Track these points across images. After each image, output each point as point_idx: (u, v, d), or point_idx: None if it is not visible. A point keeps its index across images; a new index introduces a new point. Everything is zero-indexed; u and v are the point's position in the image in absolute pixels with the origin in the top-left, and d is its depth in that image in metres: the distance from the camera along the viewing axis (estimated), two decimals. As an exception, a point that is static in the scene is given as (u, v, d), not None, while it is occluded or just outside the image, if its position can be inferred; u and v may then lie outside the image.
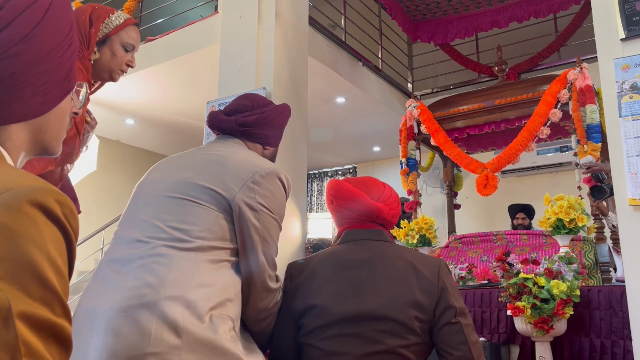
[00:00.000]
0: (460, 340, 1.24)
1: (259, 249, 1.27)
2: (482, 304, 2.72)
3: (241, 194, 1.26)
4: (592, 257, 2.97)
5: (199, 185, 1.27)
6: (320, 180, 8.63)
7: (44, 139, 0.72)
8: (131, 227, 1.26)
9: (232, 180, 1.28)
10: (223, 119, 1.48)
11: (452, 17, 5.35)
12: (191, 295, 1.11)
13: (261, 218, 1.27)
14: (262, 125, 1.48)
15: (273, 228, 1.31)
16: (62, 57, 0.69)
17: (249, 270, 1.27)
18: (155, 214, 1.24)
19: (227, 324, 1.16)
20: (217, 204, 1.25)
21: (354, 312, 1.25)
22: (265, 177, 1.31)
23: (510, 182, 6.40)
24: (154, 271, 1.12)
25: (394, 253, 1.34)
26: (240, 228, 1.26)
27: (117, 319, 1.07)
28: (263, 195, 1.28)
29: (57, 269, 0.54)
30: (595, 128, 2.97)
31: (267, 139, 1.51)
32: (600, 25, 2.33)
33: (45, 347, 0.50)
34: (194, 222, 1.21)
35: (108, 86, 5.86)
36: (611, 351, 2.31)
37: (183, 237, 1.19)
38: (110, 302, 1.10)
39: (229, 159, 1.34)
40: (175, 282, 1.11)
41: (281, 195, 1.35)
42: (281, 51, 3.56)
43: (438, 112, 3.75)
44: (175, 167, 1.38)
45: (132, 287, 1.11)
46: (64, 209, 0.57)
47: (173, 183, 1.30)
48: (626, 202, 2.11)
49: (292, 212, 3.43)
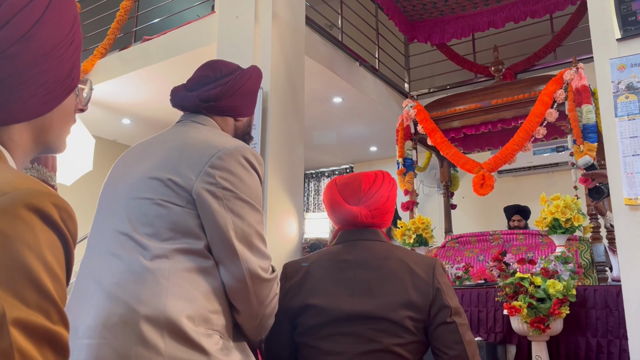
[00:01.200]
0: (455, 339, 1.24)
1: (232, 240, 1.11)
2: (479, 303, 2.72)
3: (199, 181, 1.12)
4: (588, 257, 2.98)
5: (157, 179, 1.14)
6: (317, 180, 8.63)
7: (47, 139, 0.70)
8: (101, 237, 1.16)
9: (188, 168, 1.14)
10: (185, 95, 1.36)
11: (449, 17, 5.36)
12: (171, 312, 1.01)
13: (228, 205, 1.12)
14: (227, 96, 1.34)
15: (246, 212, 1.15)
16: (63, 55, 0.67)
17: (224, 265, 1.12)
18: (120, 220, 1.13)
19: (213, 339, 1.06)
20: (179, 197, 1.12)
21: (349, 312, 1.26)
22: (225, 158, 1.15)
23: (506, 182, 6.41)
24: (127, 291, 1.03)
25: (389, 253, 1.34)
26: (205, 220, 1.11)
27: (96, 344, 1.00)
28: (224, 178, 1.13)
29: (54, 274, 0.53)
30: (592, 128, 2.98)
31: (237, 109, 1.37)
32: (596, 25, 2.33)
33: (41, 355, 0.49)
34: (158, 224, 1.10)
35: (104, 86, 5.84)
36: (607, 350, 2.32)
37: (151, 244, 1.08)
38: (88, 323, 1.03)
39: (185, 144, 1.21)
40: (151, 301, 1.02)
41: (248, 175, 1.18)
42: (278, 51, 3.56)
43: (435, 112, 3.76)
44: (135, 159, 1.26)
45: (107, 308, 1.02)
46: (62, 213, 0.56)
47: (133, 183, 1.18)
48: (622, 202, 2.12)
49: (289, 212, 3.43)
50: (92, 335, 1.01)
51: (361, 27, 6.03)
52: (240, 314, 1.16)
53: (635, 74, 2.14)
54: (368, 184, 1.42)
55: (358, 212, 1.37)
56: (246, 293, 1.13)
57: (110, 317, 1.01)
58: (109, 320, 1.01)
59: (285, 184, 3.42)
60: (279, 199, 3.35)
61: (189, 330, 1.02)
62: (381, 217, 1.41)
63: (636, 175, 2.09)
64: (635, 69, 2.15)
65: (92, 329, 1.02)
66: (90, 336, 1.01)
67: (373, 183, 1.43)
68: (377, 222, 1.41)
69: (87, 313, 1.05)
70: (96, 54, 5.39)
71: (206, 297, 1.09)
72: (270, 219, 3.23)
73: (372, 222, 1.40)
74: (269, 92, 3.38)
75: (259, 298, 1.16)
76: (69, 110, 0.73)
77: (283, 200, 3.38)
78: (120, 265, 1.07)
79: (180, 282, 1.06)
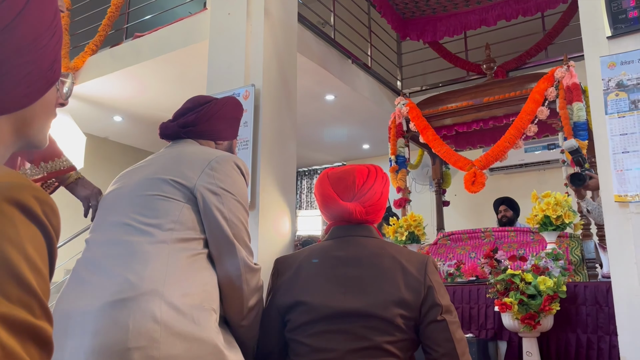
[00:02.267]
0: (445, 337, 1.24)
1: (229, 233, 1.25)
2: (470, 300, 2.73)
3: (201, 180, 1.27)
4: (579, 254, 3.00)
5: (161, 179, 1.29)
6: (309, 178, 8.63)
7: (28, 132, 0.69)
8: (101, 231, 1.26)
9: (189, 170, 1.29)
10: (167, 125, 1.51)
11: (441, 15, 5.36)
12: (169, 289, 1.10)
13: (225, 202, 1.27)
14: (204, 121, 1.49)
15: (239, 211, 1.31)
16: (45, 47, 0.66)
17: (222, 255, 1.25)
18: (123, 214, 1.25)
19: (211, 315, 1.16)
20: (181, 194, 1.26)
21: (340, 309, 1.26)
22: (221, 162, 1.32)
23: (498, 180, 6.44)
24: (129, 269, 1.12)
25: (380, 250, 1.34)
26: (206, 214, 1.25)
27: (94, 319, 1.06)
28: (222, 180, 1.29)
29: (36, 269, 0.52)
30: (582, 125, 3.00)
31: (215, 133, 1.52)
32: (587, 23, 2.34)
33: (25, 350, 0.48)
34: (161, 216, 1.22)
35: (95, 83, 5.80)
36: (597, 346, 2.34)
37: (153, 231, 1.19)
38: (85, 304, 1.09)
39: (184, 153, 1.38)
40: (151, 278, 1.11)
41: (240, 179, 1.35)
42: (270, 48, 3.55)
43: (427, 109, 3.77)
44: (134, 172, 1.39)
45: (108, 287, 1.10)
46: (44, 206, 0.55)
47: (136, 183, 1.32)
48: (612, 199, 2.14)
49: (281, 209, 3.43)
50: (90, 310, 1.08)
51: (354, 25, 6.03)
52: (231, 305, 1.26)
53: (625, 72, 2.16)
54: (362, 180, 1.41)
55: (353, 208, 1.37)
56: (239, 281, 1.25)
57: (110, 293, 1.08)
58: (109, 296, 1.08)
59: (278, 181, 3.41)
60: (272, 196, 3.34)
61: (185, 303, 1.11)
62: (375, 214, 1.41)
63: (626, 172, 2.10)
64: (626, 67, 2.16)
65: (91, 305, 1.08)
66: (88, 311, 1.08)
67: (367, 178, 1.42)
68: (370, 218, 1.41)
69: (86, 291, 1.12)
70: (87, 51, 5.35)
71: (201, 279, 1.19)
72: (262, 216, 3.22)
73: (366, 218, 1.39)
74: (261, 90, 3.37)
75: (250, 286, 1.28)
76: (51, 103, 0.72)
77: (275, 198, 3.38)
78: (123, 249, 1.17)
79: (178, 263, 1.16)
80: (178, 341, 1.06)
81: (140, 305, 1.06)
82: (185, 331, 1.08)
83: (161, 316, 1.07)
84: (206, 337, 1.11)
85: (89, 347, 1.03)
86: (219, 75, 3.60)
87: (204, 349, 1.10)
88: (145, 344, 1.03)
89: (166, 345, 1.05)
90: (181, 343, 1.07)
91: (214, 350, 1.11)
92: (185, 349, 1.07)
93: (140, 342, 1.03)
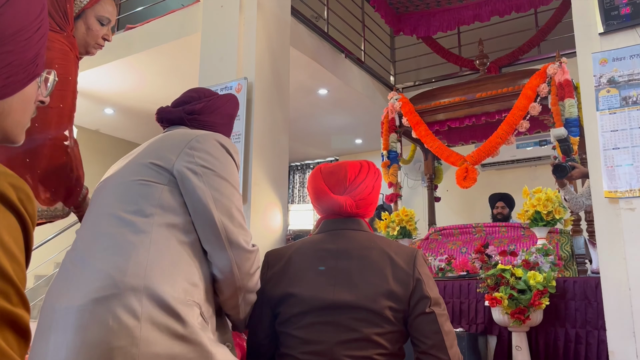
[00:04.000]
0: (434, 329, 1.25)
1: (213, 210, 1.19)
2: (461, 295, 2.75)
3: (179, 160, 1.23)
4: (569, 249, 3.02)
5: (141, 163, 1.25)
6: (302, 172, 8.62)
7: (4, 125, 0.68)
8: (88, 223, 1.24)
9: (169, 151, 1.25)
10: (171, 110, 1.49)
11: (435, 10, 5.36)
12: (151, 283, 1.06)
13: (207, 181, 1.22)
14: (209, 112, 1.48)
15: (225, 188, 1.24)
16: (29, 39, 0.65)
17: (207, 237, 1.19)
18: (107, 205, 1.22)
19: (193, 310, 1.11)
20: (160, 177, 1.22)
21: (329, 302, 1.26)
22: (201, 141, 1.28)
23: (490, 175, 6.46)
24: (112, 265, 1.09)
25: (370, 243, 1.35)
26: (187, 195, 1.21)
27: (76, 315, 1.04)
28: (202, 158, 1.24)
29: (12, 256, 0.51)
30: (574, 122, 3.01)
31: (216, 127, 1.49)
32: (579, 19, 2.35)
33: (2, 337, 0.48)
34: (141, 201, 1.18)
35: (86, 75, 5.75)
36: (586, 341, 2.36)
37: (135, 220, 1.15)
38: (69, 299, 1.07)
39: (166, 135, 1.35)
40: (134, 272, 1.07)
41: (224, 156, 1.29)
42: (263, 41, 3.53)
43: (420, 104, 3.77)
44: (121, 162, 1.37)
45: (91, 283, 1.07)
46: (19, 193, 0.55)
47: (119, 171, 1.29)
48: (602, 195, 2.15)
49: (273, 203, 3.42)
50: (72, 305, 1.06)
51: (347, 19, 6.01)
52: (224, 289, 1.22)
53: (616, 68, 2.17)
54: (354, 174, 1.42)
55: (343, 202, 1.38)
56: (229, 263, 1.20)
57: (93, 289, 1.06)
58: (92, 292, 1.05)
59: (270, 175, 3.41)
60: (264, 190, 3.33)
61: (167, 297, 1.07)
62: (365, 208, 1.42)
63: (616, 168, 2.11)
64: (617, 63, 2.17)
65: (74, 300, 1.06)
66: (71, 306, 1.06)
67: (359, 173, 1.43)
68: (361, 212, 1.41)
69: (70, 286, 1.10)
70: (78, 42, 5.30)
71: (186, 270, 1.15)
72: (254, 210, 3.22)
73: (357, 212, 1.40)
74: (254, 83, 3.36)
75: (243, 269, 1.22)
76: (30, 99, 0.71)
77: (267, 192, 3.37)
78: (106, 241, 1.14)
79: (161, 255, 1.12)
80: (159, 338, 1.03)
81: (121, 300, 1.03)
82: (167, 327, 1.04)
83: (141, 311, 1.03)
84: (188, 334, 1.06)
85: (71, 342, 1.01)
86: (211, 68, 3.58)
87: (186, 346, 1.06)
88: (125, 342, 1.00)
89: (146, 342, 1.01)
90: (162, 340, 1.03)
91: (196, 347, 1.07)
92: (166, 346, 1.03)
93: (121, 340, 1.00)
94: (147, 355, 1.01)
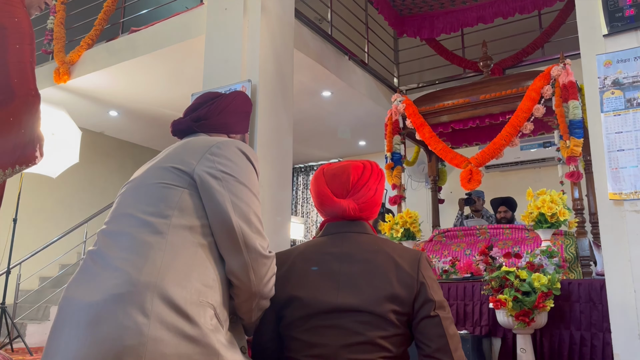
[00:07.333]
0: (438, 333, 1.24)
1: (231, 214, 1.20)
2: (465, 297, 2.74)
3: (200, 165, 1.25)
4: (573, 251, 3.01)
5: (162, 167, 1.27)
6: (305, 174, 8.62)
7: None
8: (111, 223, 1.26)
9: (190, 156, 1.28)
10: (180, 120, 1.50)
11: (438, 12, 5.36)
12: (164, 282, 1.07)
13: (227, 186, 1.23)
14: (216, 114, 1.49)
15: (245, 195, 1.25)
16: None
17: (224, 241, 1.20)
18: (129, 205, 1.24)
19: (206, 312, 1.10)
20: (180, 180, 1.24)
21: (333, 305, 1.26)
22: (222, 147, 1.29)
23: (493, 177, 6.45)
24: (130, 263, 1.10)
25: (374, 246, 1.34)
26: (207, 199, 1.22)
27: (91, 311, 1.05)
28: (223, 164, 1.26)
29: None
30: (578, 124, 3.01)
31: (228, 127, 1.51)
32: (584, 21, 2.35)
33: None
34: (160, 203, 1.20)
35: (91, 78, 5.75)
36: (590, 344, 2.35)
37: (154, 220, 1.17)
38: (86, 295, 1.09)
39: (188, 142, 1.37)
40: (149, 271, 1.08)
41: (244, 163, 1.30)
42: (267, 44, 3.54)
43: (423, 106, 3.77)
44: (145, 165, 1.39)
45: (108, 281, 1.09)
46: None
47: (142, 175, 1.31)
48: (606, 197, 2.14)
49: (277, 206, 3.43)
50: (90, 303, 1.07)
51: (351, 21, 6.02)
52: (239, 293, 1.22)
53: (621, 70, 2.16)
54: (356, 176, 1.42)
55: (346, 205, 1.37)
56: (245, 268, 1.20)
57: (110, 287, 1.07)
58: (109, 290, 1.07)
59: (274, 177, 3.41)
60: (268, 192, 3.34)
61: (178, 297, 1.07)
62: (369, 210, 1.41)
63: (621, 170, 2.11)
64: (621, 65, 2.17)
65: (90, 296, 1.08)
66: (86, 302, 1.07)
67: (361, 175, 1.42)
68: (364, 215, 1.41)
69: (88, 282, 1.12)
70: (83, 45, 5.33)
71: (201, 271, 1.15)
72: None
73: (360, 215, 1.40)
74: (258, 85, 3.36)
75: (258, 275, 1.22)
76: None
77: (271, 194, 3.38)
78: (125, 241, 1.16)
79: (176, 255, 1.13)
80: (167, 337, 1.02)
81: (135, 299, 1.05)
82: (175, 327, 1.04)
83: (151, 309, 1.04)
84: (197, 334, 1.06)
85: (82, 337, 1.03)
86: (215, 70, 3.59)
87: (194, 346, 1.05)
88: (134, 340, 1.00)
89: (154, 340, 1.01)
90: (170, 339, 1.03)
91: (204, 348, 1.06)
92: (174, 346, 1.03)
93: (130, 338, 1.01)
94: (154, 353, 1.01)
